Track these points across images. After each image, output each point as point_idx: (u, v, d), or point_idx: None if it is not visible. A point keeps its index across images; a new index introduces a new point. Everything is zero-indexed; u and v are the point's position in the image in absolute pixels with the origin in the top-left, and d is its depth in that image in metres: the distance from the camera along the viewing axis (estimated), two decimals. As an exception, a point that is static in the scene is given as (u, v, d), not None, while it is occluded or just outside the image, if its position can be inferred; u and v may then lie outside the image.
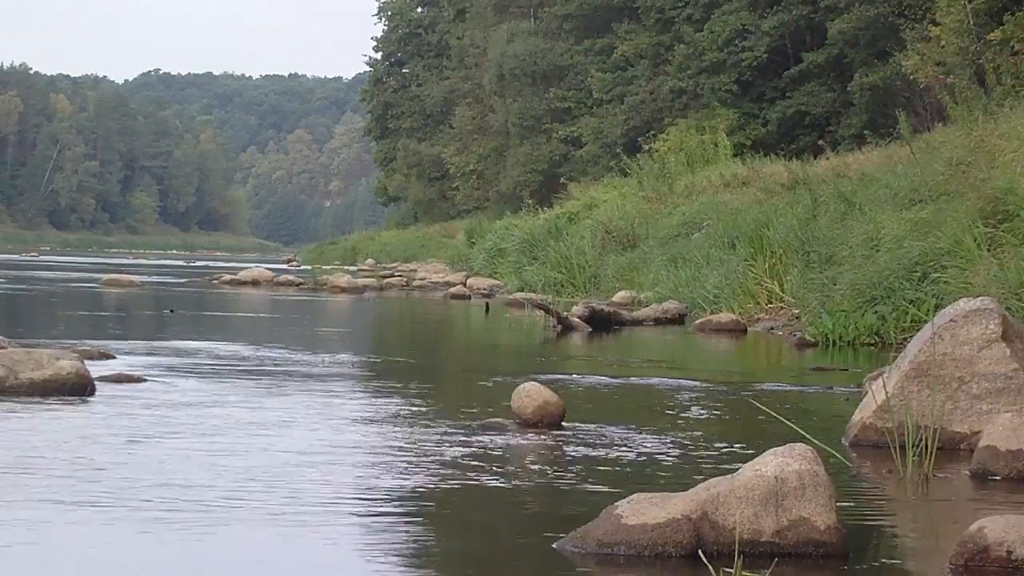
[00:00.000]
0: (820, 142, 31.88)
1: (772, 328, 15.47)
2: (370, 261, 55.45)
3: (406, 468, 5.42)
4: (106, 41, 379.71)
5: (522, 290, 24.67)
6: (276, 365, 9.89)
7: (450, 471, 5.35)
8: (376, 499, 4.80)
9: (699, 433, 6.68)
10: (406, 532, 4.34)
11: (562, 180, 45.13)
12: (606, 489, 5.03)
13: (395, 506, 4.70)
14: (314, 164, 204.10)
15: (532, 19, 54.32)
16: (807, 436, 5.26)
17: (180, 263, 59.99)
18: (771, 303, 16.73)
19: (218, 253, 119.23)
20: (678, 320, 17.24)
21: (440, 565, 3.95)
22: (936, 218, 13.80)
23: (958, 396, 6.21)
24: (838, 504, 4.13)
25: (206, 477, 5.00)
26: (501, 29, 54.52)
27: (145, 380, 8.11)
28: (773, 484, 4.02)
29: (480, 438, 6.27)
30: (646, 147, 36.62)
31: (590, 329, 15.30)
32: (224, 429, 6.31)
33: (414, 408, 7.51)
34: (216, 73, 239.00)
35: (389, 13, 77.71)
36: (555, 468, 5.55)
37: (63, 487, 4.74)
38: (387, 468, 5.43)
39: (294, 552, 3.96)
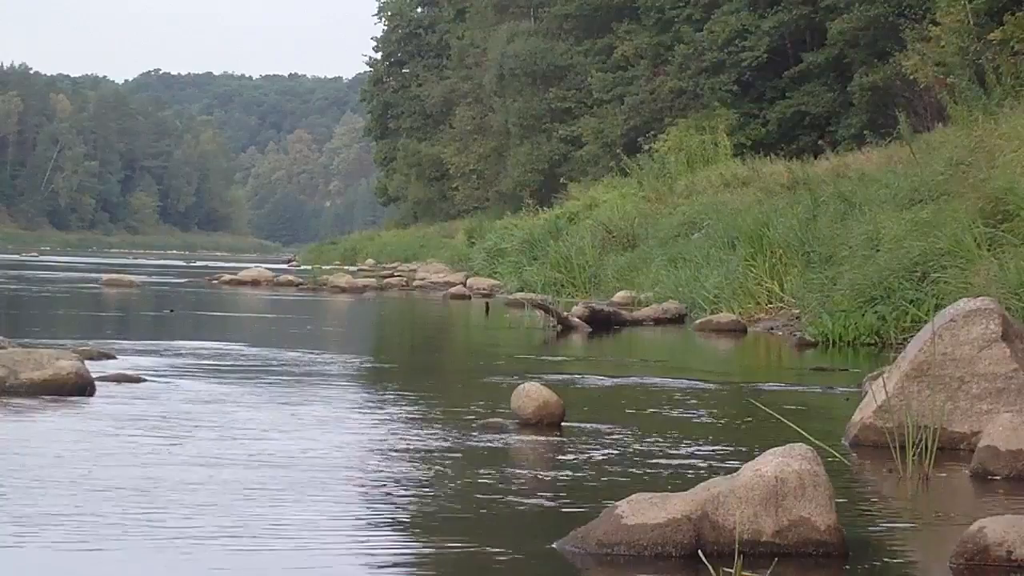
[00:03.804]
0: (820, 142, 31.85)
1: (772, 328, 15.47)
2: (370, 261, 55.40)
3: (406, 468, 5.42)
4: (106, 41, 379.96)
5: (522, 290, 24.66)
6: (276, 366, 9.89)
7: (450, 471, 5.35)
8: (375, 499, 4.80)
9: (699, 433, 6.68)
10: (405, 532, 4.34)
11: (562, 180, 45.11)
12: (606, 489, 5.03)
13: (394, 506, 4.70)
14: (314, 164, 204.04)
15: (532, 19, 54.29)
16: (807, 436, 5.26)
17: (180, 263, 59.99)
18: (771, 303, 16.73)
19: (218, 253, 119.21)
20: (678, 320, 17.25)
21: (440, 565, 3.95)
22: (936, 218, 13.80)
23: (958, 396, 6.21)
24: (838, 504, 4.13)
25: (205, 478, 5.00)
26: (501, 29, 54.50)
27: (145, 380, 8.11)
28: (773, 484, 4.02)
29: (480, 438, 6.27)
30: (646, 147, 36.61)
31: (590, 329, 15.30)
32: (223, 430, 6.31)
33: (414, 408, 7.51)
34: (216, 73, 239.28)
35: (389, 13, 77.67)
36: (555, 468, 5.55)
37: (61, 488, 4.73)
38: (387, 469, 5.43)
39: (292, 553, 3.95)
